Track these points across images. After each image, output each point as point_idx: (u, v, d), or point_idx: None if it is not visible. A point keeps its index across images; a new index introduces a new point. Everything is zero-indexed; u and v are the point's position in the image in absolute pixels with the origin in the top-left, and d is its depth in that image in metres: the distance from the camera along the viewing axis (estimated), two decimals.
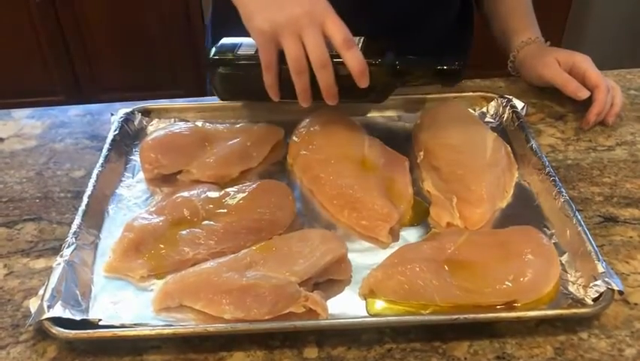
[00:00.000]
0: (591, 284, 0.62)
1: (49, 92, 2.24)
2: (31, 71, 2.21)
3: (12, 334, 0.62)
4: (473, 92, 0.94)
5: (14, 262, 0.71)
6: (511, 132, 0.87)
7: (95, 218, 0.73)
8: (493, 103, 0.92)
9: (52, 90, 2.25)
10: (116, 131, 0.85)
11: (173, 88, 2.19)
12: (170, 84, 2.23)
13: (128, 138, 0.87)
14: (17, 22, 2.09)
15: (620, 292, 0.61)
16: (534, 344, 0.60)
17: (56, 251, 0.68)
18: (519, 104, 0.90)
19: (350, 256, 0.68)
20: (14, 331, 0.63)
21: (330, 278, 0.66)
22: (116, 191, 0.79)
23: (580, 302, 0.62)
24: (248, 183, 0.78)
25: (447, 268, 0.64)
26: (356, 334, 0.61)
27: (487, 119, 0.91)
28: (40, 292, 0.62)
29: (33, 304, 0.61)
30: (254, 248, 0.67)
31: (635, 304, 0.64)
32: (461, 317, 0.60)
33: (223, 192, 0.76)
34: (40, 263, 0.71)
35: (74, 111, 0.98)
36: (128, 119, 0.89)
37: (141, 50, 2.19)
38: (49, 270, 0.66)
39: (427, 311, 0.63)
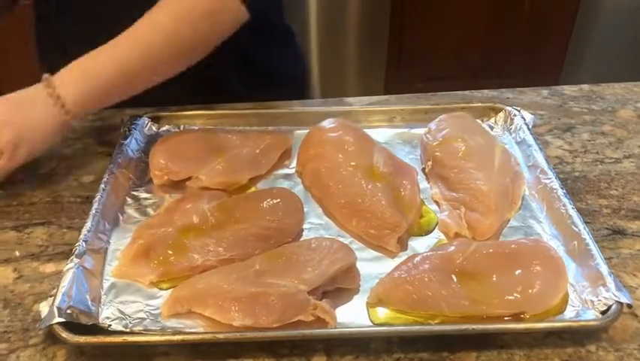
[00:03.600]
0: (599, 297, 0.62)
1: None
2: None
3: (22, 338, 0.63)
4: (482, 103, 0.95)
5: (24, 266, 0.71)
6: (519, 144, 0.87)
7: (105, 223, 0.73)
8: (501, 114, 0.92)
9: None
10: (126, 137, 0.86)
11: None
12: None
13: (137, 143, 0.88)
14: None
15: (629, 306, 0.61)
16: (542, 355, 0.60)
17: (66, 256, 0.68)
18: (527, 115, 0.90)
19: (358, 265, 0.68)
20: (24, 335, 0.63)
21: (338, 287, 0.66)
22: (126, 197, 0.79)
23: (588, 315, 0.62)
24: (257, 191, 0.78)
25: (455, 279, 0.65)
26: (364, 343, 0.62)
27: (495, 130, 0.91)
28: (51, 296, 0.62)
29: (43, 308, 0.61)
30: (263, 256, 0.67)
31: None
32: (470, 327, 0.60)
33: (232, 199, 0.76)
34: (49, 267, 0.71)
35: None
36: (138, 125, 0.89)
37: None
38: (58, 274, 0.66)
39: (435, 321, 0.63)
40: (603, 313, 0.61)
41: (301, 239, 0.73)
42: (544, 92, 1.03)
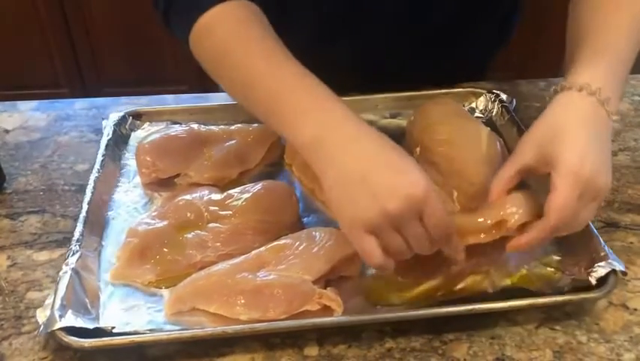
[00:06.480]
0: (595, 265, 0.63)
1: (53, 84, 2.24)
2: (35, 63, 2.20)
3: (14, 325, 0.63)
4: (462, 87, 0.95)
5: (18, 254, 0.71)
6: (502, 127, 0.87)
7: (96, 224, 0.71)
8: (482, 98, 0.93)
9: (56, 83, 2.25)
10: (109, 136, 0.84)
11: (178, 83, 2.18)
12: (175, 79, 2.23)
13: (120, 142, 0.86)
14: (22, 13, 2.09)
15: (623, 273, 0.62)
16: (533, 346, 0.61)
17: (60, 244, 0.68)
18: (506, 98, 0.90)
19: None
20: (17, 322, 0.63)
21: (341, 275, 0.66)
22: (114, 197, 0.78)
23: (584, 285, 0.63)
24: (250, 184, 0.76)
25: None
26: (356, 332, 0.62)
27: (476, 115, 0.91)
28: (48, 301, 0.61)
29: (40, 315, 0.60)
30: (263, 249, 0.67)
31: (635, 309, 0.64)
32: (464, 308, 0.61)
33: (225, 194, 0.75)
34: (43, 255, 0.71)
35: (80, 105, 0.98)
36: (119, 123, 0.87)
37: (146, 44, 2.18)
38: (52, 262, 0.66)
39: (439, 293, 0.64)
40: (599, 286, 0.62)
41: (296, 231, 0.73)
42: (541, 84, 1.03)
